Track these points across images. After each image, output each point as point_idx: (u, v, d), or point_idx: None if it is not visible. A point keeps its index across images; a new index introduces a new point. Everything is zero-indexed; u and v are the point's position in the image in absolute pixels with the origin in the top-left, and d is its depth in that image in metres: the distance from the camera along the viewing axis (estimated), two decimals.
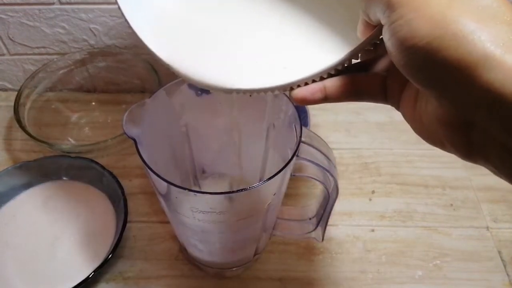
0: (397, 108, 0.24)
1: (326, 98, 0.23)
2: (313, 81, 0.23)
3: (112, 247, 0.38)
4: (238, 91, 0.24)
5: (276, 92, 0.24)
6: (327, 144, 0.32)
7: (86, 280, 0.36)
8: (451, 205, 0.47)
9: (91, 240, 0.41)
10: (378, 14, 0.19)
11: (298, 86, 0.23)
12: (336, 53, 0.23)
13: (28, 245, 0.41)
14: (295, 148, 0.29)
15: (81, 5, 0.50)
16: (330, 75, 0.23)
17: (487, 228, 0.45)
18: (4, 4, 0.50)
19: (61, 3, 0.50)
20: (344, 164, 0.50)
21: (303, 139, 0.29)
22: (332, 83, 0.23)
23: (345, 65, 0.22)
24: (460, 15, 0.16)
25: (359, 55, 0.22)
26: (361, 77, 0.24)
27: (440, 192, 0.48)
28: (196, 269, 0.41)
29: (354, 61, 0.23)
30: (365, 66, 0.24)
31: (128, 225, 0.40)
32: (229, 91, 0.24)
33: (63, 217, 0.43)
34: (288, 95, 0.24)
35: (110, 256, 0.37)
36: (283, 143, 0.34)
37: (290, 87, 0.23)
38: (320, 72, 0.23)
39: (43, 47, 0.55)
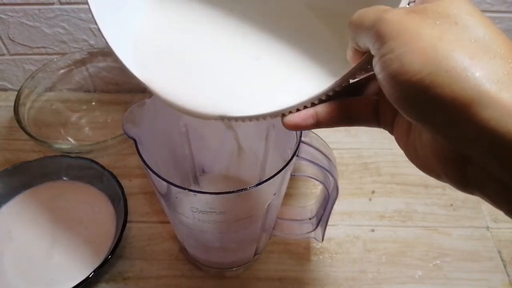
0: (391, 133, 0.23)
1: (318, 124, 0.23)
2: (305, 107, 0.23)
3: (112, 247, 0.38)
4: (229, 119, 0.24)
5: (268, 118, 0.24)
6: (327, 144, 0.32)
7: (86, 280, 0.36)
8: (451, 205, 0.47)
9: (91, 240, 0.41)
10: (368, 45, 0.18)
11: (290, 112, 0.23)
12: (327, 79, 0.23)
13: (28, 245, 0.41)
14: (295, 148, 0.29)
15: (81, 5, 0.50)
16: (321, 101, 0.23)
17: (487, 228, 0.45)
18: (4, 4, 0.50)
19: (61, 3, 0.50)
20: (344, 164, 0.50)
21: (303, 139, 0.29)
22: (323, 109, 0.23)
23: (337, 90, 0.22)
24: (452, 49, 0.15)
25: (350, 80, 0.22)
26: (353, 101, 0.23)
27: (440, 192, 0.48)
28: (196, 269, 0.41)
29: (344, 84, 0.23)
30: (356, 90, 0.24)
31: (128, 225, 0.40)
32: (219, 119, 0.24)
33: (63, 217, 0.43)
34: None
35: (110, 256, 0.37)
36: (283, 143, 0.34)
37: (282, 113, 0.23)
38: (311, 99, 0.22)
39: (43, 47, 0.55)
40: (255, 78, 0.26)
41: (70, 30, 0.53)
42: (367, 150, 0.52)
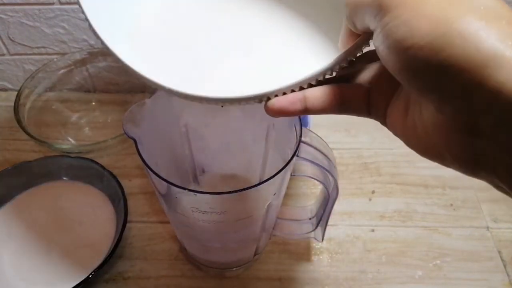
0: (383, 122, 0.22)
1: (306, 109, 0.21)
2: (292, 91, 0.21)
3: (112, 247, 0.38)
4: (207, 100, 0.22)
5: (251, 102, 0.22)
6: (327, 144, 0.32)
7: (86, 280, 0.36)
8: (451, 205, 0.47)
9: (91, 240, 0.41)
10: (367, 20, 0.18)
11: (276, 96, 0.21)
12: (318, 62, 0.22)
13: (28, 245, 0.41)
14: (295, 148, 0.29)
15: None
16: (310, 86, 0.21)
17: (487, 228, 0.45)
18: (4, 4, 0.50)
19: (61, 3, 0.50)
20: (344, 164, 0.50)
21: (303, 139, 0.29)
22: (313, 93, 0.21)
23: (328, 75, 0.21)
24: (463, 13, 0.15)
25: (339, 66, 0.21)
26: (344, 88, 0.22)
27: (440, 192, 0.48)
28: (196, 269, 0.41)
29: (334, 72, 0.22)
30: (346, 79, 0.23)
31: (128, 225, 0.40)
32: (198, 100, 0.23)
33: (63, 217, 0.43)
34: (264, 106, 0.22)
35: (110, 256, 0.37)
36: (283, 143, 0.34)
37: (267, 97, 0.22)
38: (301, 82, 0.21)
39: (43, 47, 0.55)
40: (240, 60, 0.25)
41: (70, 30, 0.53)
42: (367, 150, 0.52)
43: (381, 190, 0.48)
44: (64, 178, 0.46)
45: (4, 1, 0.50)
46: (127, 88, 0.58)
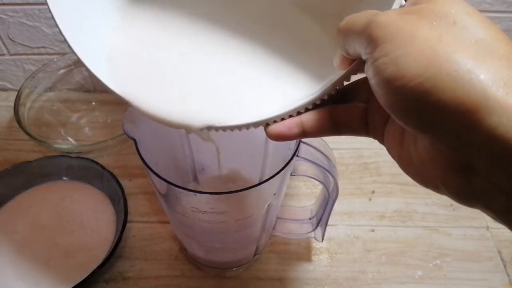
0: (381, 142, 0.22)
1: (304, 133, 0.22)
2: (290, 116, 0.22)
3: (112, 247, 0.38)
4: (210, 128, 0.23)
5: (252, 128, 0.23)
6: (327, 144, 0.32)
7: (86, 280, 0.36)
8: (451, 205, 0.47)
9: (91, 240, 0.41)
10: (358, 49, 0.17)
11: (274, 122, 0.22)
12: (313, 87, 0.22)
13: (28, 245, 0.41)
14: (295, 148, 0.29)
15: None
16: (307, 110, 0.22)
17: (487, 228, 0.45)
18: (4, 4, 0.50)
19: None
20: (344, 164, 0.50)
21: (303, 139, 0.29)
22: (309, 117, 0.21)
23: (324, 99, 0.21)
24: (454, 51, 0.14)
25: (335, 90, 0.21)
26: (340, 109, 0.22)
27: None
28: (196, 269, 0.41)
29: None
30: (343, 97, 0.22)
31: (128, 225, 0.40)
32: (200, 130, 0.23)
33: (63, 217, 0.43)
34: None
35: (110, 256, 0.37)
36: (283, 143, 0.34)
37: (266, 123, 0.22)
38: (296, 108, 0.21)
39: (43, 47, 0.55)
40: (238, 86, 0.25)
41: None
42: (367, 150, 0.52)
43: (381, 190, 0.48)
44: (64, 178, 0.46)
45: (4, 1, 0.50)
46: None
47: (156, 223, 0.45)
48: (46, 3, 0.22)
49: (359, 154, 0.52)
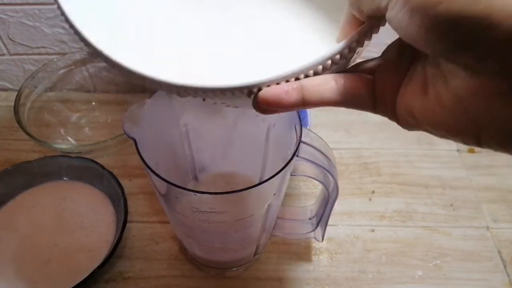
0: (391, 116, 0.20)
1: (304, 101, 0.19)
2: (287, 82, 0.19)
3: (112, 247, 0.38)
4: (186, 89, 0.19)
5: (240, 96, 0.19)
6: (327, 144, 0.32)
7: (86, 279, 0.36)
8: (451, 205, 0.47)
9: (91, 240, 0.41)
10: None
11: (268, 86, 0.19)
12: (317, 52, 0.19)
13: (28, 245, 0.41)
14: (295, 148, 0.29)
15: None
16: (306, 77, 0.19)
17: (487, 228, 0.45)
18: (4, 4, 0.50)
19: None
20: (344, 164, 0.50)
21: (303, 139, 0.29)
22: (311, 82, 0.19)
23: (329, 63, 0.19)
24: None
25: (341, 56, 0.19)
26: (347, 75, 0.19)
27: (440, 192, 0.48)
28: (196, 269, 0.41)
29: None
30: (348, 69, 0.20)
31: (128, 225, 0.40)
32: (177, 90, 0.19)
33: (63, 217, 0.43)
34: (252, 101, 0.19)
35: (110, 256, 0.37)
36: (283, 143, 0.34)
37: (258, 88, 0.19)
38: (297, 71, 0.18)
39: (43, 47, 0.55)
40: (232, 45, 0.22)
41: (70, 30, 0.53)
42: (367, 150, 0.52)
43: (381, 190, 0.48)
44: (64, 178, 0.46)
45: (4, 1, 0.50)
46: (127, 88, 0.58)
47: (156, 223, 0.45)
48: None
49: (359, 154, 0.52)
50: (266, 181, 0.27)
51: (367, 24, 0.18)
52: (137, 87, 0.57)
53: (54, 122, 0.54)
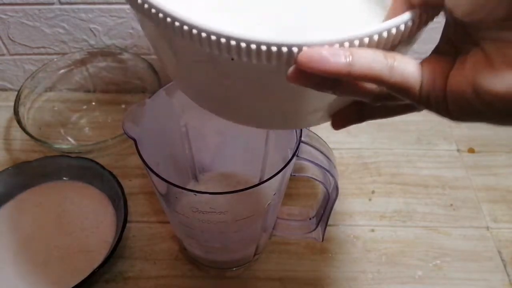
0: (437, 100, 0.18)
1: (350, 67, 0.16)
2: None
3: (112, 247, 0.38)
4: (223, 40, 0.17)
5: (278, 58, 0.17)
6: (327, 144, 0.32)
7: (86, 280, 0.36)
8: (451, 205, 0.47)
9: (91, 240, 0.41)
10: None
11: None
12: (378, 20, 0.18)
13: (28, 245, 0.41)
14: (295, 148, 0.29)
15: (81, 5, 0.50)
16: None
17: (487, 228, 0.45)
18: (4, 4, 0.50)
19: (61, 3, 0.50)
20: (344, 164, 0.50)
21: (303, 139, 0.29)
22: (361, 50, 0.17)
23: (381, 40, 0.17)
24: None
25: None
26: (397, 54, 0.18)
27: (440, 192, 0.48)
28: (196, 269, 0.41)
29: None
30: None
31: (128, 225, 0.40)
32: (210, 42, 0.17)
33: (63, 217, 0.43)
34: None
35: (110, 256, 0.37)
36: (283, 143, 0.34)
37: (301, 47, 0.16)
38: (354, 38, 0.16)
39: (43, 47, 0.55)
40: (295, 15, 0.21)
41: (70, 30, 0.53)
42: (367, 150, 0.52)
43: (381, 190, 0.48)
44: (64, 178, 0.46)
45: (4, 1, 0.50)
46: (127, 88, 0.58)
47: (156, 223, 0.45)
48: None
49: (359, 154, 0.52)
50: (266, 181, 0.27)
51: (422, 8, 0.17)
52: (139, 86, 0.57)
53: (54, 122, 0.54)
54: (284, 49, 0.16)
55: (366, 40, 0.17)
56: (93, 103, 0.57)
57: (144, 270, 0.41)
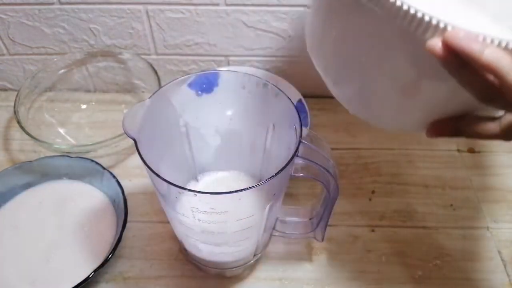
0: None
1: (480, 55, 0.20)
2: None
3: (112, 247, 0.38)
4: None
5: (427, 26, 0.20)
6: (327, 144, 0.32)
7: (86, 280, 0.36)
8: (451, 205, 0.47)
9: (91, 240, 0.41)
10: None
11: None
12: None
13: (28, 245, 0.41)
14: (295, 148, 0.29)
15: (81, 5, 0.50)
16: None
17: (487, 228, 0.45)
18: (4, 4, 0.50)
19: (61, 3, 0.50)
20: (344, 164, 0.50)
21: (303, 139, 0.29)
22: (495, 48, 0.21)
23: None
24: None
25: None
26: None
27: (440, 192, 0.48)
28: (196, 269, 0.41)
29: None
30: None
31: (128, 225, 0.40)
32: None
33: (63, 217, 0.43)
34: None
35: (110, 256, 0.37)
36: (283, 143, 0.34)
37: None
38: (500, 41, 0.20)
39: (43, 47, 0.55)
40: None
41: (70, 30, 0.53)
42: (367, 150, 0.52)
43: (381, 190, 0.48)
44: (64, 178, 0.46)
45: (4, 1, 0.50)
46: (127, 88, 0.58)
47: (156, 223, 0.45)
48: None
49: (359, 154, 0.52)
50: (266, 181, 0.27)
51: None
52: (139, 86, 0.57)
53: (54, 122, 0.54)
54: (442, 25, 0.21)
55: (503, 43, 0.21)
56: (93, 103, 0.57)
57: (144, 270, 0.41)
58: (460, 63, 0.21)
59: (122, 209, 0.41)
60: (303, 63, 0.56)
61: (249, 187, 0.26)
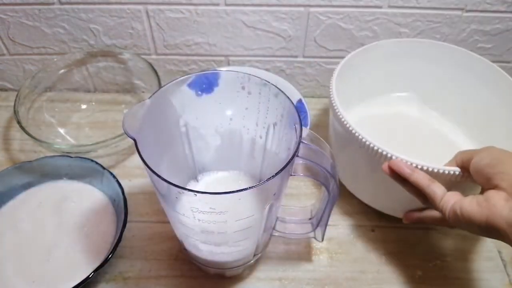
0: (443, 216, 0.33)
1: (412, 175, 0.34)
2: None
3: (112, 247, 0.38)
4: None
5: None
6: (327, 144, 0.32)
7: (86, 280, 0.36)
8: None
9: (91, 240, 0.41)
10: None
11: None
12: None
13: (28, 245, 0.41)
14: (295, 148, 0.29)
15: (81, 5, 0.50)
16: None
17: None
18: (4, 4, 0.50)
19: (61, 3, 0.50)
20: None
21: (303, 139, 0.29)
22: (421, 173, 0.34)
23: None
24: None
25: None
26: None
27: None
28: (196, 269, 0.41)
29: None
30: None
31: (128, 225, 0.40)
32: None
33: (63, 217, 0.43)
34: None
35: (110, 256, 0.37)
36: (283, 143, 0.34)
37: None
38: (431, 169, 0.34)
39: (43, 47, 0.55)
40: None
41: (70, 30, 0.53)
42: None
43: None
44: (64, 178, 0.46)
45: (4, 1, 0.50)
46: (127, 88, 0.58)
47: (156, 223, 0.45)
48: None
49: None
50: (266, 181, 0.27)
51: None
52: (139, 86, 0.57)
53: (54, 122, 0.54)
54: (389, 155, 0.35)
55: (425, 167, 0.34)
56: (93, 103, 0.57)
57: (144, 270, 0.41)
58: (401, 179, 0.34)
59: (122, 209, 0.41)
60: (303, 63, 0.56)
61: (249, 187, 0.26)
